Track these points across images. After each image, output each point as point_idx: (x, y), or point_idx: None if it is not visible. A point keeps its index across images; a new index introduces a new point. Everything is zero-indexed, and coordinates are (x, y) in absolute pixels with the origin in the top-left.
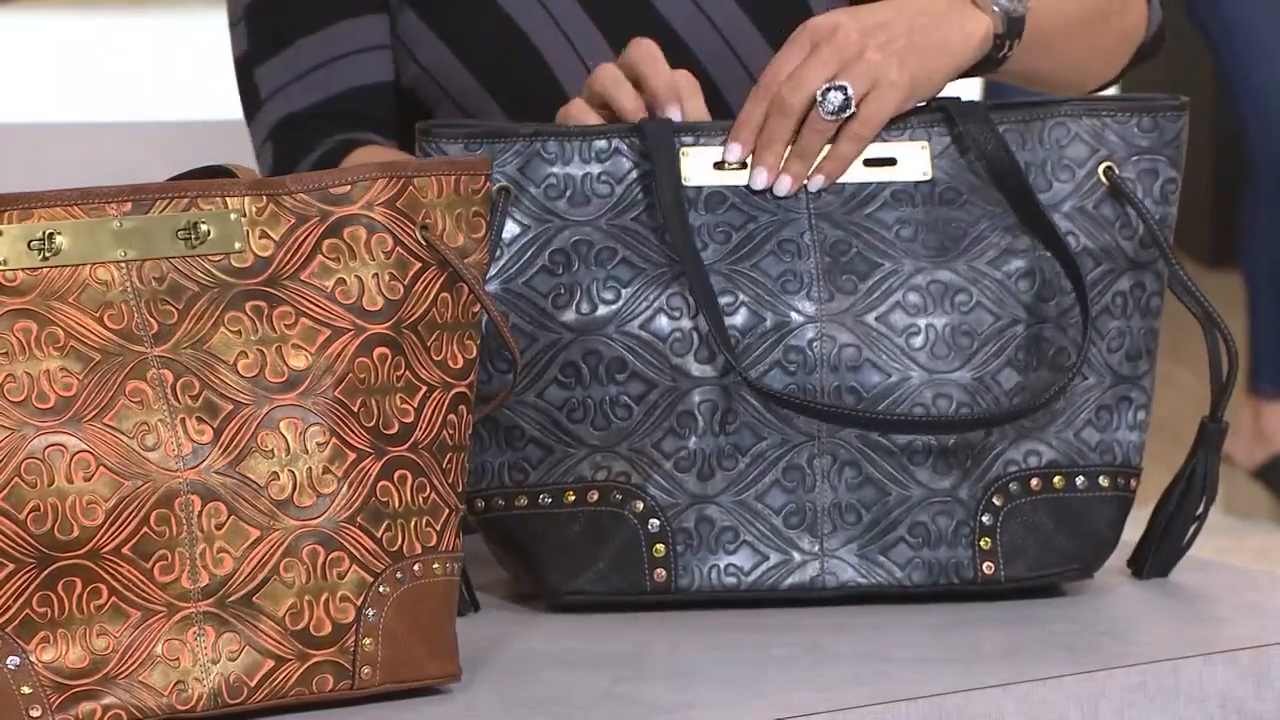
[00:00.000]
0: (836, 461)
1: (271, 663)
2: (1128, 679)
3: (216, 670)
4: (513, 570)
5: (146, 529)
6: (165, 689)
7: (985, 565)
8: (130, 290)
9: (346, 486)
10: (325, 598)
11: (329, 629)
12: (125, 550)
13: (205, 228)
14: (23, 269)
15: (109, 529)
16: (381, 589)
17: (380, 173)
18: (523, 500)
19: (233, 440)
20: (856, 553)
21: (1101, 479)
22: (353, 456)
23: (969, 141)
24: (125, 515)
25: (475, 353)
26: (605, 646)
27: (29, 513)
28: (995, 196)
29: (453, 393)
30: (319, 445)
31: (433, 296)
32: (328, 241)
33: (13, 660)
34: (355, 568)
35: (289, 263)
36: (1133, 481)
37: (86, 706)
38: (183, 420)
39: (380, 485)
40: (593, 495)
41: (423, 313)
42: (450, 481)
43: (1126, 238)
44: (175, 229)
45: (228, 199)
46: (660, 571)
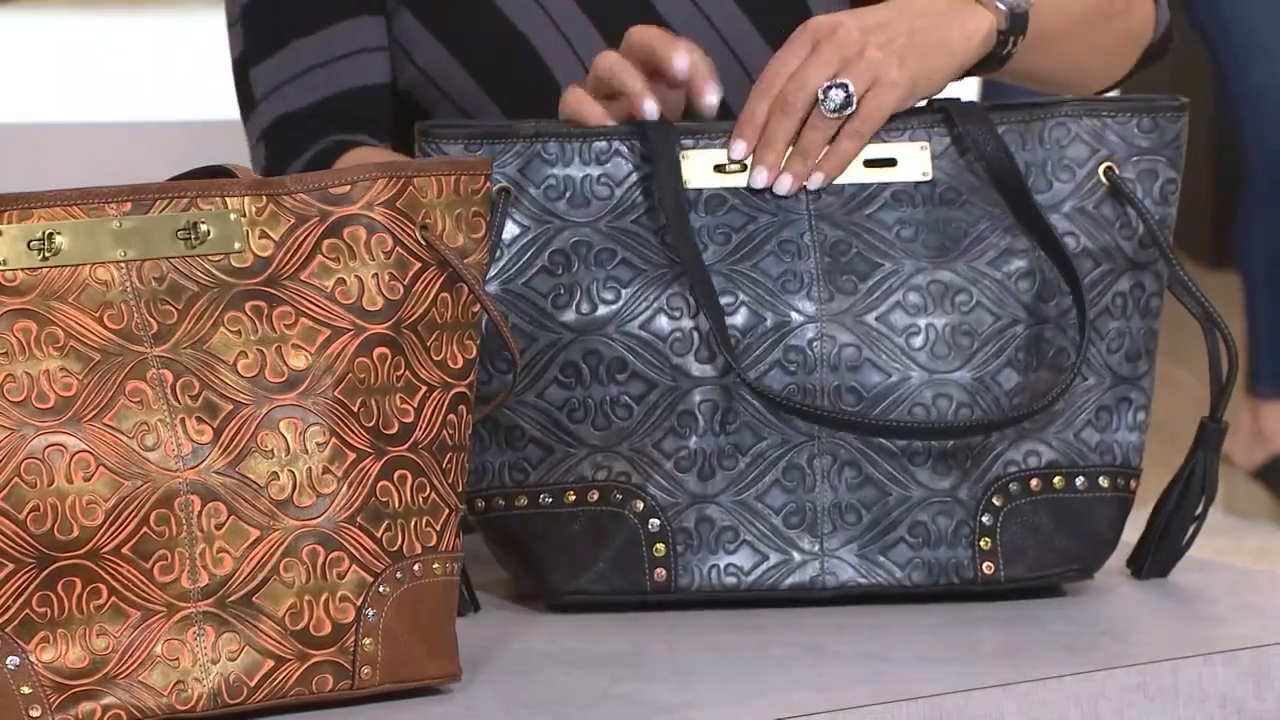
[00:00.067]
0: (836, 461)
1: (271, 663)
2: (1127, 679)
3: (216, 670)
4: (513, 570)
5: (146, 529)
6: (165, 689)
7: (985, 565)
8: (130, 290)
9: (346, 486)
10: (325, 598)
11: (329, 629)
12: (125, 550)
13: (205, 228)
14: (22, 269)
15: (109, 529)
16: (381, 589)
17: (380, 173)
18: (523, 500)
19: (233, 440)
20: (856, 553)
21: (1101, 479)
22: (353, 456)
23: (968, 142)
24: (125, 515)
25: (475, 353)
26: (605, 646)
27: (29, 513)
28: (995, 197)
29: (453, 393)
30: (319, 445)
31: (432, 296)
32: (327, 241)
33: (12, 660)
34: (355, 568)
35: (289, 263)
36: (1132, 482)
37: (86, 706)
38: (182, 420)
39: (380, 485)
40: (593, 495)
41: (423, 313)
42: (450, 481)
43: (1126, 238)
44: (175, 229)
45: (228, 199)
46: (660, 571)
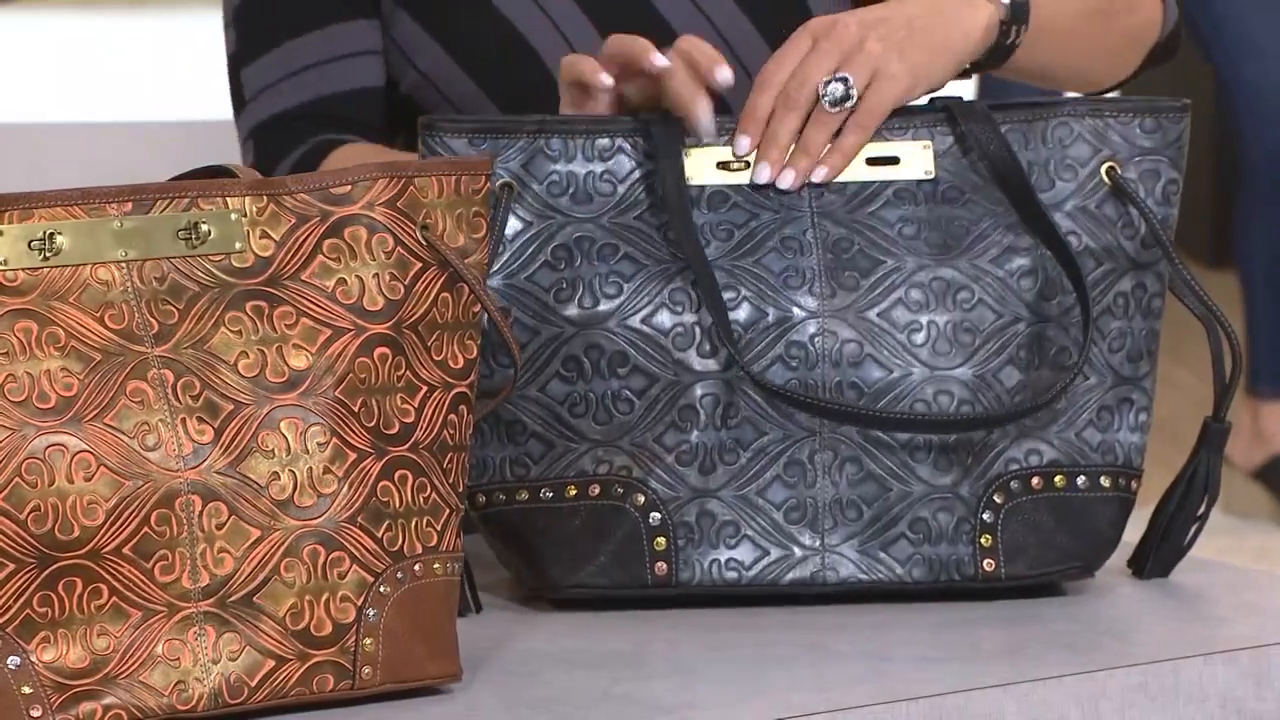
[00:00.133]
0: (838, 457)
1: (272, 663)
2: (1128, 679)
3: (217, 670)
4: (513, 565)
5: (147, 529)
6: (166, 689)
7: (986, 562)
8: (131, 290)
9: (347, 486)
10: (326, 598)
11: (329, 629)
12: (126, 550)
13: (206, 228)
14: (23, 269)
15: (109, 529)
16: (382, 589)
17: (381, 173)
18: (524, 495)
19: (233, 440)
20: (857, 548)
21: (1103, 479)
22: (353, 456)
23: (971, 141)
24: (126, 515)
25: (476, 353)
26: (605, 646)
27: (30, 513)
28: (998, 195)
29: (453, 393)
30: (319, 445)
31: (433, 296)
32: (328, 241)
33: (13, 660)
34: (356, 568)
35: (290, 263)
36: (1134, 483)
37: (87, 706)
38: (183, 420)
39: (381, 485)
40: (594, 489)
41: (423, 313)
42: (451, 481)
43: (1128, 238)
44: (176, 229)
45: (228, 199)
46: (661, 565)
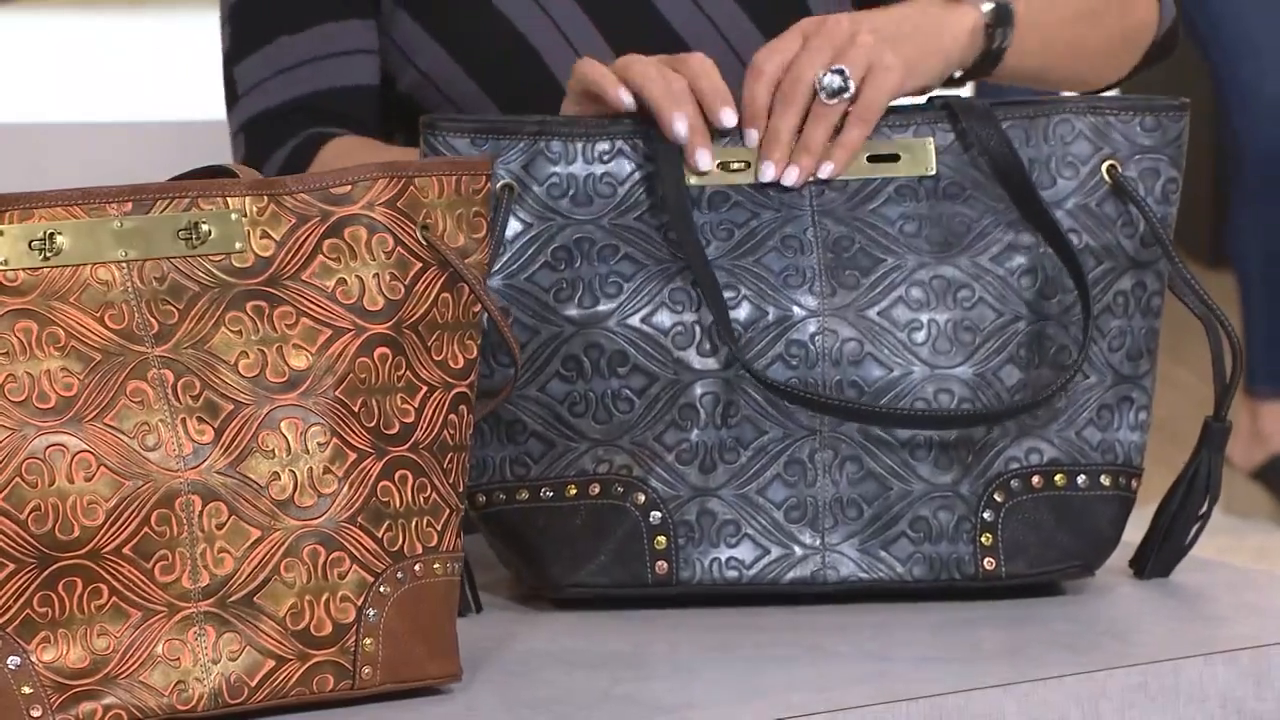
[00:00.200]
0: (838, 456)
1: (272, 663)
2: (1129, 679)
3: (217, 670)
4: (513, 565)
5: (147, 529)
6: (166, 689)
7: (986, 561)
8: (131, 290)
9: (347, 486)
10: (326, 598)
11: (329, 629)
12: (126, 550)
13: (206, 228)
14: (23, 269)
15: (110, 529)
16: (382, 589)
17: (381, 173)
18: (524, 494)
19: (233, 440)
20: (858, 547)
21: (1103, 478)
22: (353, 456)
23: (972, 138)
24: (126, 515)
25: (476, 353)
26: (605, 646)
27: (30, 513)
28: (999, 193)
29: (453, 393)
30: (320, 445)
31: (433, 296)
32: (328, 241)
33: (13, 660)
34: (356, 568)
35: (290, 263)
36: (1134, 482)
37: (87, 706)
38: (183, 420)
39: (381, 485)
40: (594, 488)
41: (423, 313)
42: (451, 481)
43: (1128, 236)
44: (176, 229)
45: (228, 199)
46: (662, 564)
